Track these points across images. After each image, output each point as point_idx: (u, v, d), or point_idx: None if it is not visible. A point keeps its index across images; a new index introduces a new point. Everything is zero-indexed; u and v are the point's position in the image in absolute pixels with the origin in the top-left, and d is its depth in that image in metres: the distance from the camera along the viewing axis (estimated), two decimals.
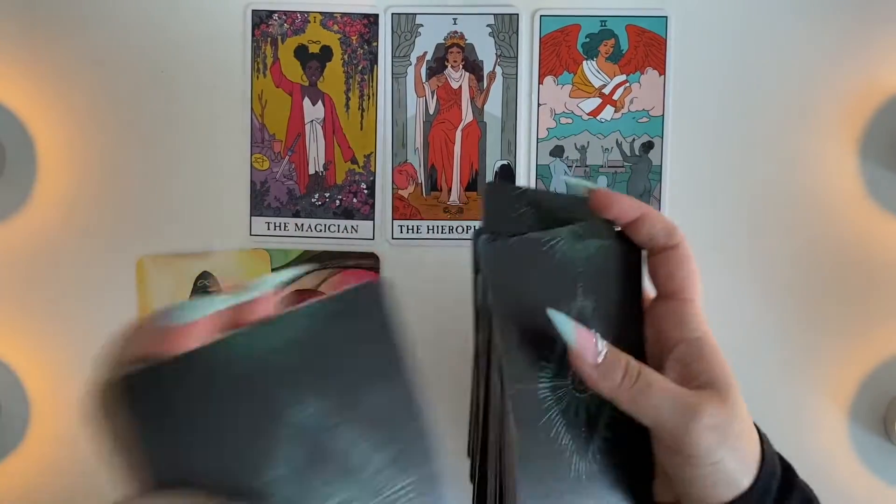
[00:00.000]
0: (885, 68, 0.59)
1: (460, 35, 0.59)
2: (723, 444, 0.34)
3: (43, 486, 0.60)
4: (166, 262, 0.60)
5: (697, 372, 0.36)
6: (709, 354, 0.36)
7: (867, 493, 0.60)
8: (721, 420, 0.34)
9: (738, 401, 0.36)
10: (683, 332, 0.37)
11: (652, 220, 0.38)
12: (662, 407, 0.34)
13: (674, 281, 0.38)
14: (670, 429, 0.34)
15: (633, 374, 0.35)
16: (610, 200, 0.37)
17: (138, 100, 0.59)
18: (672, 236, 0.38)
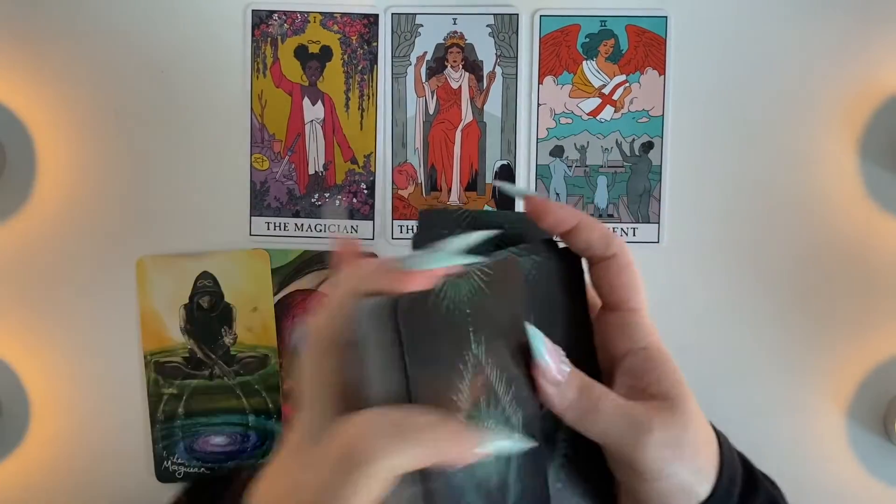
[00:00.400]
0: (885, 68, 0.59)
1: (460, 35, 0.59)
2: (675, 457, 0.34)
3: (43, 486, 0.60)
4: (166, 262, 0.60)
5: (647, 384, 0.35)
6: (658, 365, 0.36)
7: (867, 494, 0.60)
8: (672, 434, 0.34)
9: (691, 409, 0.35)
10: (629, 344, 0.36)
11: (588, 228, 0.36)
12: (611, 424, 0.34)
13: (615, 291, 0.37)
14: (620, 446, 0.34)
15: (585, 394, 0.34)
16: (544, 208, 0.36)
17: (138, 100, 0.59)
18: (609, 245, 0.36)
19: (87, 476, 0.60)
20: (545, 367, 0.34)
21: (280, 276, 0.60)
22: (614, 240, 0.36)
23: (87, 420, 0.60)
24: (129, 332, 0.60)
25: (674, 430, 0.34)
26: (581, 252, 0.37)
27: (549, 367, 0.34)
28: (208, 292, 0.60)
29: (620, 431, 0.34)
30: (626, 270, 0.36)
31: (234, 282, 0.60)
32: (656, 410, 0.34)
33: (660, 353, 0.36)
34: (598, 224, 0.36)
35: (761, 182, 0.60)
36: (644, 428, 0.33)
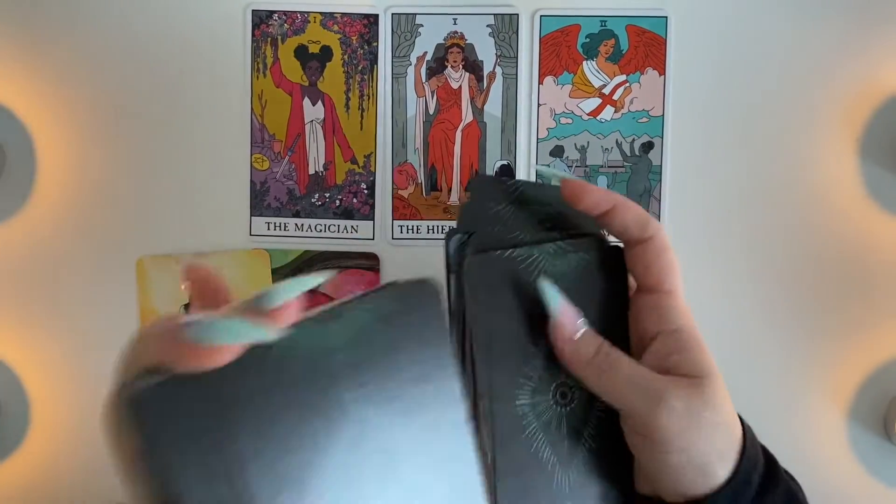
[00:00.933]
0: (885, 68, 0.59)
1: (460, 35, 0.59)
2: (690, 430, 0.34)
3: (43, 486, 0.60)
4: (166, 262, 0.60)
5: (675, 363, 0.36)
6: (687, 346, 0.36)
7: (867, 494, 0.60)
8: (689, 405, 0.34)
9: (716, 390, 0.35)
10: (662, 325, 0.37)
11: (624, 211, 0.36)
12: (628, 387, 0.34)
13: (651, 273, 0.37)
14: (636, 410, 0.34)
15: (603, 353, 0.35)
16: (581, 191, 0.36)
17: (138, 100, 0.59)
18: (646, 228, 0.36)
19: (87, 476, 0.60)
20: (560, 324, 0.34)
21: (280, 276, 0.60)
22: (651, 222, 0.36)
23: (87, 420, 0.60)
24: (129, 332, 0.60)
25: (692, 404, 0.34)
26: (617, 234, 0.37)
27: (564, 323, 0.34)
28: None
29: (637, 396, 0.34)
30: (663, 253, 0.37)
31: (234, 282, 0.60)
32: (676, 382, 0.35)
33: (691, 336, 0.36)
34: (634, 206, 0.37)
35: (761, 182, 0.60)
36: (660, 395, 0.34)
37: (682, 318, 0.37)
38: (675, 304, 0.37)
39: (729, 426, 0.36)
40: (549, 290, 0.35)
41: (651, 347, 0.37)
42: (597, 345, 0.35)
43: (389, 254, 0.60)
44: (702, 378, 0.35)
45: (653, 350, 0.36)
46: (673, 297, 0.37)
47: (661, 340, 0.36)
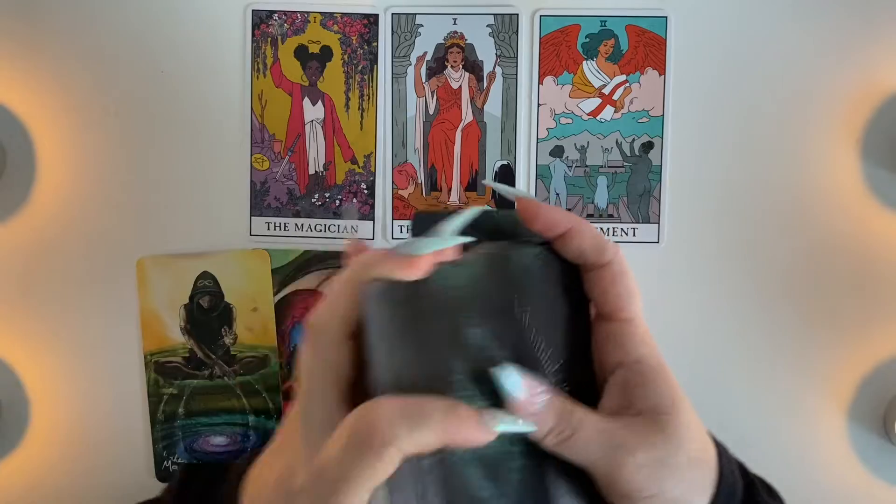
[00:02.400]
0: (885, 68, 0.59)
1: (460, 35, 0.59)
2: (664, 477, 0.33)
3: (43, 485, 0.60)
4: (166, 262, 0.60)
5: (637, 397, 0.34)
6: (649, 378, 0.34)
7: (867, 493, 0.60)
8: (656, 454, 0.33)
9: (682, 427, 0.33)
10: (622, 356, 0.35)
11: (581, 234, 0.34)
12: (591, 449, 0.33)
13: (609, 301, 0.35)
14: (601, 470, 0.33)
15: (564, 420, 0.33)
16: (536, 211, 0.35)
17: (138, 100, 0.59)
18: (602, 253, 0.34)
19: (87, 476, 0.60)
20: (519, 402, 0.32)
21: (280, 276, 0.60)
22: (608, 247, 0.35)
23: (87, 420, 0.60)
24: (129, 332, 0.60)
25: (659, 450, 0.33)
26: (574, 258, 0.35)
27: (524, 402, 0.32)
28: (208, 292, 0.60)
29: (601, 455, 0.32)
30: (620, 279, 0.35)
31: (234, 282, 0.60)
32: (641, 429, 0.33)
33: (652, 367, 0.34)
34: (590, 230, 0.35)
35: (761, 182, 0.60)
36: (625, 450, 0.32)
37: (643, 346, 0.35)
38: (634, 331, 0.35)
39: (702, 459, 0.34)
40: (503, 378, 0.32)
41: (613, 379, 0.35)
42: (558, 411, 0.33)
43: None
44: (666, 415, 0.33)
45: (615, 382, 0.35)
46: (632, 325, 0.35)
47: (622, 373, 0.35)
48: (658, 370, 0.34)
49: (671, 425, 0.33)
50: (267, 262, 0.60)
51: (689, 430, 0.34)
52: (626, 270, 0.35)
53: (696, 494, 0.34)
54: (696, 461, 0.34)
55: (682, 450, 0.33)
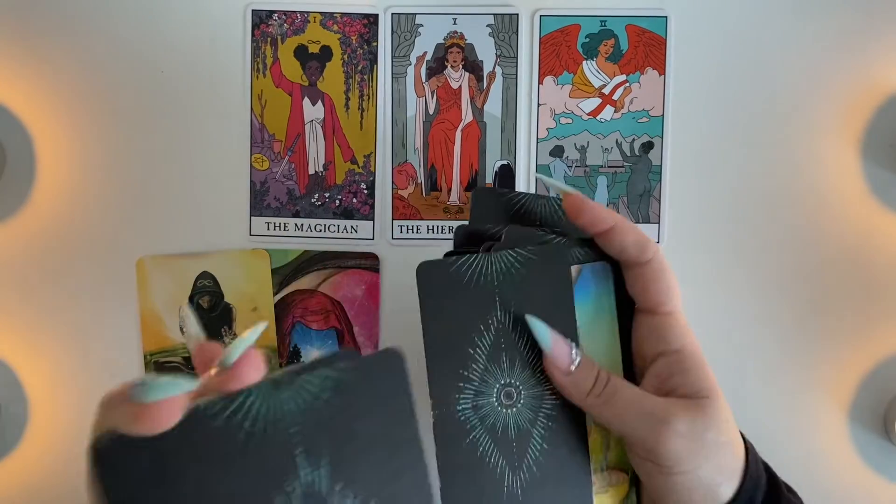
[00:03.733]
0: (885, 68, 0.59)
1: (460, 35, 0.59)
2: (696, 452, 0.34)
3: (43, 486, 0.60)
4: (166, 262, 0.60)
5: (677, 385, 0.35)
6: (689, 367, 0.36)
7: (868, 492, 0.60)
8: (693, 428, 0.34)
9: (719, 410, 0.35)
10: (662, 346, 0.36)
11: (624, 232, 0.36)
12: (629, 415, 0.34)
13: (650, 296, 0.36)
14: (639, 437, 0.34)
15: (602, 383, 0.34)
16: (582, 207, 0.36)
17: (138, 100, 0.59)
18: (644, 251, 0.36)
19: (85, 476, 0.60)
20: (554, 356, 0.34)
21: (280, 276, 0.60)
22: (649, 245, 0.36)
23: (87, 420, 0.60)
24: (129, 332, 0.60)
25: (696, 426, 0.34)
26: (615, 255, 0.37)
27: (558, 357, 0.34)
28: (208, 292, 0.60)
29: (640, 423, 0.34)
30: (661, 275, 0.36)
31: (234, 282, 0.60)
32: (679, 405, 0.34)
33: (692, 356, 0.36)
34: (633, 228, 0.36)
35: (761, 182, 0.60)
36: (662, 420, 0.34)
37: (683, 338, 0.36)
38: (675, 324, 0.36)
39: (733, 445, 0.36)
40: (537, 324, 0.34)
41: (652, 369, 0.36)
42: (594, 375, 0.35)
43: (389, 254, 0.60)
44: (705, 399, 0.35)
45: (654, 371, 0.36)
46: (673, 318, 0.36)
47: (663, 362, 0.36)
48: (698, 359, 0.36)
49: (710, 406, 0.34)
50: (267, 262, 0.60)
51: (724, 417, 0.35)
52: (666, 266, 0.36)
53: (726, 478, 0.35)
54: (728, 445, 0.35)
55: (716, 430, 0.34)
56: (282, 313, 0.60)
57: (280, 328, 0.60)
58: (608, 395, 0.34)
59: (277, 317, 0.60)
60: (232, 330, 0.60)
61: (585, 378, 0.34)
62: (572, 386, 0.34)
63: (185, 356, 0.60)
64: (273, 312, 0.60)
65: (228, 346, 0.27)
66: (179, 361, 0.60)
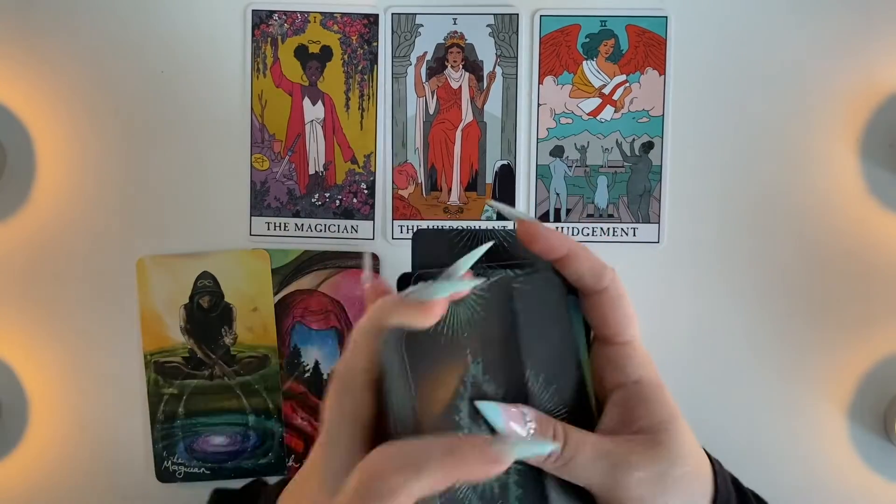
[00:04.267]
0: (885, 67, 0.59)
1: (460, 35, 0.59)
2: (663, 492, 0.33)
3: (43, 486, 0.60)
4: (166, 262, 0.60)
5: (636, 417, 0.35)
6: (648, 399, 0.35)
7: (868, 491, 0.60)
8: (656, 469, 0.33)
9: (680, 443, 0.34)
10: (621, 377, 0.35)
11: (578, 259, 0.35)
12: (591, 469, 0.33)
13: (607, 325, 0.35)
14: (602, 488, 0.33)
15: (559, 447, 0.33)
16: (536, 234, 0.35)
17: (138, 100, 0.59)
18: (600, 278, 0.35)
19: (87, 476, 0.60)
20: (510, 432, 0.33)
21: (280, 276, 0.60)
22: (605, 272, 0.35)
23: (87, 420, 0.60)
24: (129, 332, 0.60)
25: (658, 466, 0.33)
26: (572, 282, 0.36)
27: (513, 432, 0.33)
28: (208, 292, 0.60)
29: (602, 474, 0.33)
30: (618, 303, 0.35)
31: (234, 282, 0.60)
32: (640, 447, 0.33)
33: (651, 387, 0.35)
34: (588, 255, 0.35)
35: (761, 182, 0.60)
36: (625, 466, 0.33)
37: (642, 368, 0.36)
38: (632, 354, 0.36)
39: (698, 474, 0.35)
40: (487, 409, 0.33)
41: (612, 399, 0.36)
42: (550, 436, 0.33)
43: (389, 254, 0.60)
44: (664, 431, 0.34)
45: (614, 402, 0.35)
46: (630, 348, 0.36)
47: (622, 394, 0.35)
48: (656, 389, 0.35)
49: (669, 441, 0.34)
50: (267, 262, 0.60)
51: (686, 446, 0.34)
52: (623, 294, 0.36)
53: None
54: (694, 475, 0.34)
55: (680, 464, 0.34)
56: (282, 313, 0.60)
57: (280, 328, 0.60)
58: (567, 457, 0.33)
59: (277, 317, 0.60)
60: (232, 330, 0.60)
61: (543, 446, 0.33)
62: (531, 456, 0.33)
63: (184, 356, 0.60)
64: (273, 312, 0.60)
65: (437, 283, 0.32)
66: (180, 361, 0.60)
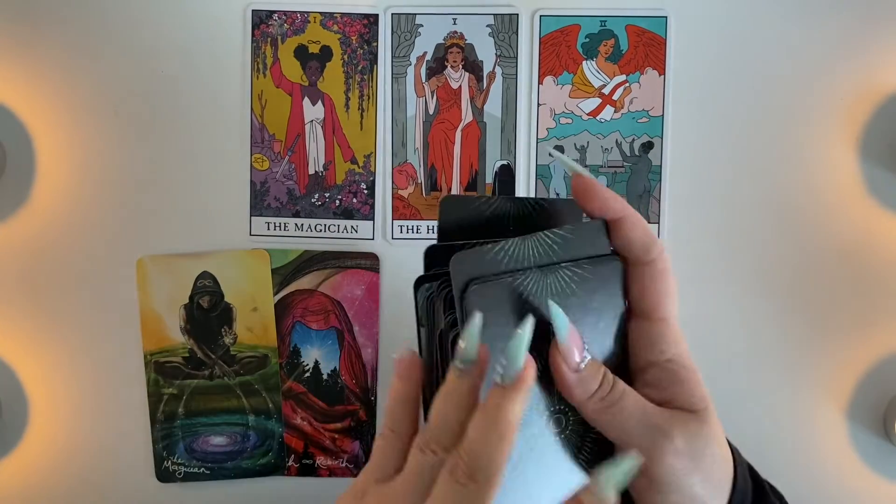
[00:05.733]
0: (885, 68, 0.59)
1: (460, 35, 0.59)
2: (694, 470, 0.33)
3: (43, 486, 0.60)
4: (166, 262, 0.60)
5: (671, 396, 0.34)
6: (683, 377, 0.34)
7: (868, 491, 0.60)
8: (693, 443, 0.33)
9: (714, 423, 0.34)
10: (655, 354, 0.34)
11: (632, 225, 0.34)
12: (631, 424, 0.32)
13: (646, 298, 0.34)
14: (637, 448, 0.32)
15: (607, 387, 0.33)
16: (593, 192, 0.34)
17: (138, 100, 0.59)
18: (649, 250, 0.34)
19: (86, 476, 0.60)
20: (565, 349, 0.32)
21: (280, 276, 0.60)
22: (655, 244, 0.34)
23: (87, 420, 0.60)
24: (129, 332, 0.60)
25: (696, 443, 0.33)
26: (618, 248, 0.34)
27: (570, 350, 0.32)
28: (208, 292, 0.60)
29: (641, 432, 0.32)
30: (661, 277, 0.34)
31: (234, 282, 0.60)
32: (681, 419, 0.33)
33: (685, 366, 0.34)
34: (642, 224, 0.34)
35: (761, 182, 0.60)
36: (666, 430, 0.32)
37: (676, 346, 0.35)
38: (668, 332, 0.35)
39: (725, 459, 0.34)
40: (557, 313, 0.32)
41: (645, 376, 0.35)
42: (600, 377, 0.33)
43: (389, 254, 0.60)
44: (702, 411, 0.34)
45: (647, 380, 0.35)
46: (666, 326, 0.35)
47: (655, 372, 0.34)
48: (691, 371, 0.34)
49: (707, 421, 0.33)
50: (267, 262, 0.60)
51: (720, 431, 0.34)
52: (668, 270, 0.34)
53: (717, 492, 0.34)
54: (722, 459, 0.34)
55: (714, 445, 0.33)
56: (282, 313, 0.60)
57: (280, 328, 0.60)
58: (612, 400, 0.33)
59: (277, 317, 0.60)
60: (232, 330, 0.60)
61: (592, 378, 0.33)
62: (578, 384, 0.32)
63: (184, 356, 0.60)
64: (273, 312, 0.60)
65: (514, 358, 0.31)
66: (179, 361, 0.60)
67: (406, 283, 0.60)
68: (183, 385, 0.60)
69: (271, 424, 0.60)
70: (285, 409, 0.60)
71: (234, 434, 0.60)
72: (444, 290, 0.34)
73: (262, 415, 0.60)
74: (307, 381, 0.60)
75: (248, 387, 0.60)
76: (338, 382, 0.60)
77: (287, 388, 0.60)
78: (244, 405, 0.60)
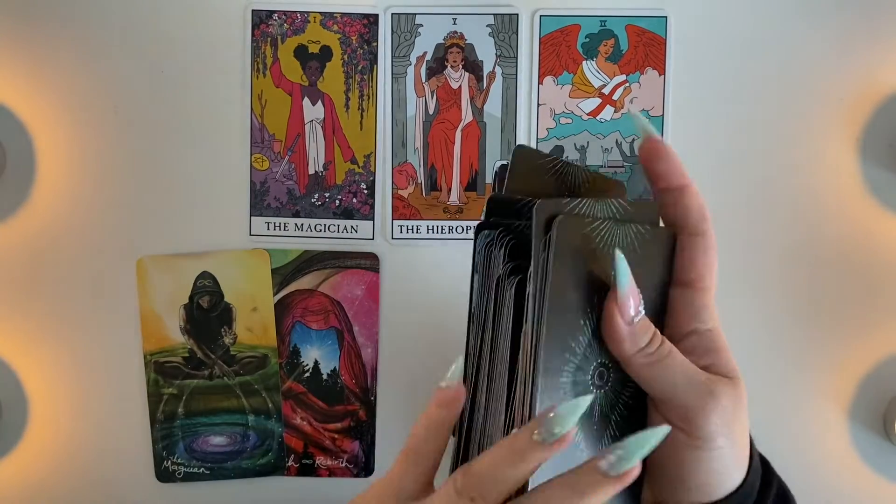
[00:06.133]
0: (885, 68, 0.59)
1: (460, 35, 0.59)
2: (730, 432, 0.34)
3: (43, 486, 0.60)
4: (166, 262, 0.60)
5: (708, 364, 0.35)
6: (720, 347, 0.36)
7: (868, 492, 0.60)
8: (735, 406, 0.34)
9: (745, 394, 0.35)
10: (696, 323, 0.36)
11: (693, 193, 0.36)
12: (678, 380, 0.34)
13: (694, 268, 0.36)
14: (684, 403, 0.34)
15: (657, 343, 0.34)
16: (660, 155, 0.36)
17: (138, 100, 0.59)
18: (703, 221, 0.36)
19: (86, 476, 0.60)
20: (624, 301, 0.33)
21: (280, 276, 0.60)
22: (708, 218, 0.36)
23: (87, 420, 0.60)
24: (129, 332, 0.60)
25: (737, 405, 0.34)
26: (673, 216, 0.36)
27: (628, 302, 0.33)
28: (208, 292, 0.60)
29: (689, 389, 0.34)
30: (711, 251, 0.36)
31: (234, 282, 0.60)
32: (722, 382, 0.34)
33: (721, 337, 0.36)
34: (700, 197, 0.36)
35: (760, 181, 0.60)
36: (712, 391, 0.34)
37: (714, 318, 0.36)
38: (709, 303, 0.36)
39: (748, 431, 0.36)
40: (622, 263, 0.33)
41: (685, 343, 0.36)
42: (651, 332, 0.34)
43: (389, 254, 0.60)
44: (736, 379, 0.35)
45: (686, 347, 0.36)
46: (708, 296, 0.36)
47: (695, 339, 0.36)
48: (725, 342, 0.36)
49: (742, 389, 0.35)
50: (267, 262, 0.60)
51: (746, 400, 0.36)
52: (716, 245, 0.36)
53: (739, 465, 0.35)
54: (747, 431, 0.36)
55: (745, 414, 0.35)
56: (282, 313, 0.60)
57: (280, 328, 0.60)
58: (661, 355, 0.34)
59: (277, 317, 0.60)
60: (232, 330, 0.60)
61: (643, 332, 0.34)
62: (629, 337, 0.33)
63: (184, 356, 0.60)
64: (273, 312, 0.60)
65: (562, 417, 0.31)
66: (179, 361, 0.60)
67: (406, 283, 0.60)
68: (183, 385, 0.60)
69: (271, 424, 0.60)
70: (285, 409, 0.60)
71: (233, 434, 0.60)
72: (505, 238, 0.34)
73: (261, 415, 0.60)
74: (307, 381, 0.60)
75: (248, 387, 0.60)
76: (337, 382, 0.60)
77: (287, 388, 0.60)
78: (244, 405, 0.60)
